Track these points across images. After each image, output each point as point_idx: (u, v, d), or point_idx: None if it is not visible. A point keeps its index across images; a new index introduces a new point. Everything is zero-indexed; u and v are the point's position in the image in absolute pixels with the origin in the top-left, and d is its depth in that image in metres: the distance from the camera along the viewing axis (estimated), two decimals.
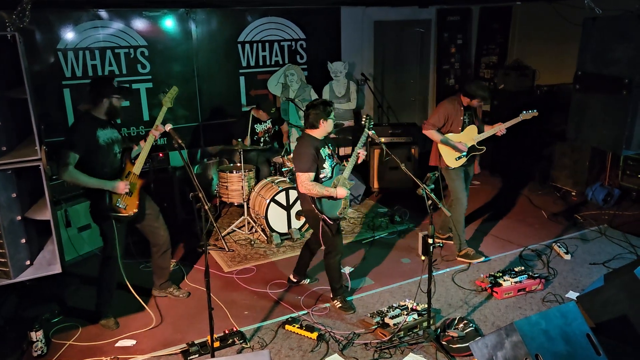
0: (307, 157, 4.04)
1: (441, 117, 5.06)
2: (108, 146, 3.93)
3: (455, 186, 5.13)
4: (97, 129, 3.88)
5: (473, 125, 5.12)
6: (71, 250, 5.17)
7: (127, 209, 3.96)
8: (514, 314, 4.24)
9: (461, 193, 5.12)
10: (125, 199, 3.96)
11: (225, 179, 5.87)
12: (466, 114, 5.10)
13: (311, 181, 4.03)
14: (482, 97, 4.97)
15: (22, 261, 2.98)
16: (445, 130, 5.10)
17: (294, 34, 7.44)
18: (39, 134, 2.84)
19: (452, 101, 5.10)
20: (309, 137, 4.15)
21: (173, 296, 4.56)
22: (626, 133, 4.57)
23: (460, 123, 5.08)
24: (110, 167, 3.96)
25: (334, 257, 4.29)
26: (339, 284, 4.41)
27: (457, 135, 5.08)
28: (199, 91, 6.93)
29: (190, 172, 3.45)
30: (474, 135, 5.10)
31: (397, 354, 3.76)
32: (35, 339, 3.75)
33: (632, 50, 4.40)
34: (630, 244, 5.40)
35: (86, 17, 6.09)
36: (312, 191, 4.04)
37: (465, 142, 5.06)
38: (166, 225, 4.39)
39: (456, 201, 5.15)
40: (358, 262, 5.24)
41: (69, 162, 3.72)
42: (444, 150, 5.08)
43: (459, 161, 5.07)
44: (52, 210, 2.94)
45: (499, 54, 8.96)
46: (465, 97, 5.00)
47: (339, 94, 7.49)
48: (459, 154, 5.05)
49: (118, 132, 4.08)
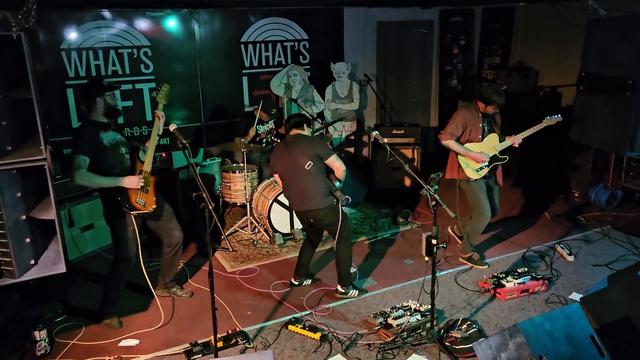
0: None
1: (459, 125, 4.77)
2: (113, 147, 3.95)
3: (479, 199, 4.84)
4: (99, 132, 3.90)
5: (494, 134, 4.85)
6: (74, 250, 5.18)
7: (146, 206, 3.97)
8: (517, 315, 4.24)
9: (485, 206, 4.83)
10: (143, 196, 3.97)
11: (228, 179, 5.87)
12: (485, 121, 4.83)
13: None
14: (498, 103, 4.67)
15: (27, 260, 3.00)
16: (465, 140, 4.82)
17: (296, 34, 7.44)
18: (43, 134, 2.85)
19: (469, 108, 4.82)
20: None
21: (176, 296, 4.56)
22: (629, 134, 4.57)
23: (480, 131, 4.80)
24: (120, 168, 3.97)
25: (348, 241, 4.49)
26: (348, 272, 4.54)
27: (477, 145, 4.81)
28: (201, 91, 6.93)
29: (194, 172, 3.46)
30: (496, 144, 4.83)
31: (400, 354, 3.75)
32: (39, 338, 3.75)
33: (636, 52, 4.39)
34: (633, 246, 5.39)
35: (89, 17, 6.10)
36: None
37: (486, 151, 4.80)
38: (179, 226, 4.38)
39: (479, 215, 4.89)
40: (361, 263, 5.24)
41: (80, 165, 3.75)
42: (464, 161, 4.82)
43: (480, 172, 4.81)
44: (56, 210, 2.95)
45: (501, 55, 8.95)
46: (481, 102, 4.73)
47: (341, 95, 7.49)
48: (480, 164, 4.80)
49: (121, 135, 4.09)
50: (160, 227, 4.30)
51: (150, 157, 4.05)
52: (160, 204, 4.19)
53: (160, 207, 4.16)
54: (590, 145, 5.21)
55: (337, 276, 4.56)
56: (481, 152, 4.79)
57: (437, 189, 3.73)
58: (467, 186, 4.90)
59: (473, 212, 4.98)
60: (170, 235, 4.33)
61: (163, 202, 4.28)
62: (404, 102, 8.58)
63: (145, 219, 4.16)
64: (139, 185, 3.92)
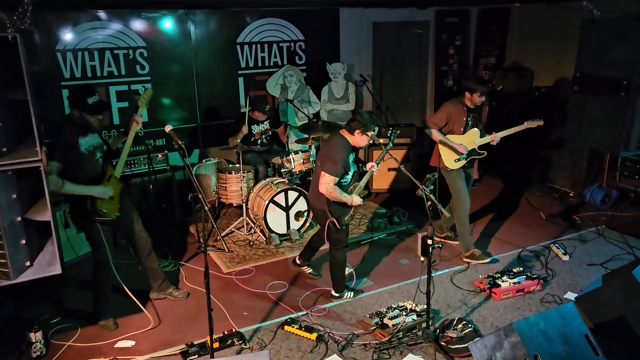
0: (340, 161, 4.10)
1: (443, 116, 5.02)
2: (90, 153, 3.95)
3: (457, 187, 5.10)
4: (78, 137, 3.88)
5: (476, 129, 5.07)
6: (70, 251, 5.17)
7: (109, 212, 3.97)
8: (512, 315, 4.26)
9: (463, 193, 5.09)
10: (107, 203, 3.97)
11: (224, 179, 5.87)
12: (470, 116, 5.04)
13: (334, 185, 4.10)
14: (481, 91, 4.87)
15: (22, 262, 2.98)
16: (447, 130, 5.07)
17: (292, 35, 7.45)
18: (39, 135, 2.84)
19: (456, 102, 5.05)
20: (344, 141, 4.20)
21: (172, 297, 4.56)
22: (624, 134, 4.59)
23: (463, 124, 5.03)
24: (93, 172, 3.98)
25: (339, 249, 4.40)
26: (342, 277, 4.52)
27: (458, 137, 5.04)
28: (197, 92, 6.93)
29: (190, 173, 3.46)
30: (476, 139, 5.05)
31: (396, 354, 3.77)
32: (34, 340, 3.75)
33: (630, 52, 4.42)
34: (628, 245, 5.42)
35: (85, 18, 6.08)
36: (332, 194, 4.12)
37: (466, 144, 5.03)
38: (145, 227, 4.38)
39: (458, 201, 5.12)
40: (357, 263, 5.24)
41: (51, 172, 3.70)
42: (444, 150, 5.06)
43: (457, 163, 5.06)
44: (52, 211, 2.94)
45: (497, 56, 8.97)
46: (467, 92, 4.94)
47: (337, 95, 7.49)
48: (458, 156, 5.03)
49: (99, 137, 4.08)
50: (128, 230, 4.32)
51: (121, 163, 4.06)
52: (124, 207, 4.17)
53: (123, 210, 4.14)
54: (585, 145, 5.23)
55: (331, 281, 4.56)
56: (461, 144, 4.99)
57: (432, 189, 3.74)
58: (447, 174, 5.14)
59: (453, 200, 5.21)
60: (138, 237, 4.33)
61: (127, 204, 4.26)
62: (400, 102, 8.59)
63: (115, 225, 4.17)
64: (108, 195, 3.94)
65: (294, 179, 6.25)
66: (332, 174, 4.09)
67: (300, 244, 5.65)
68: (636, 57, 4.36)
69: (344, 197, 4.14)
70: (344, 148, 4.15)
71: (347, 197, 4.17)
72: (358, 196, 4.28)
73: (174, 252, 5.42)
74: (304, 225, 5.87)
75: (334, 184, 4.10)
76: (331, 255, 4.45)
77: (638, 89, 4.45)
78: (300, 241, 5.72)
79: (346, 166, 4.14)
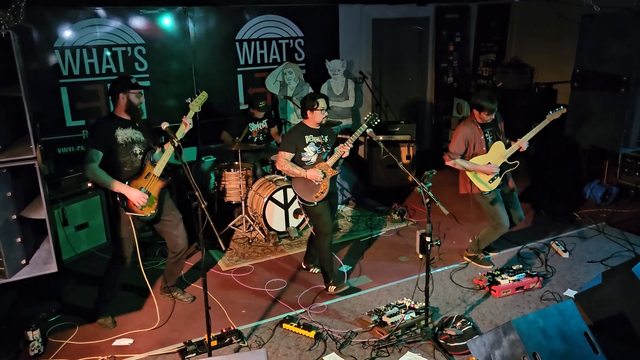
0: (288, 138, 4.49)
1: (461, 142, 4.68)
2: (127, 145, 3.92)
3: (496, 211, 4.74)
4: (116, 128, 3.90)
5: (499, 142, 4.74)
6: (68, 249, 5.16)
7: (143, 210, 3.92)
8: (512, 312, 4.24)
9: (504, 218, 4.75)
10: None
11: (222, 177, 5.85)
12: (487, 132, 4.72)
13: (285, 160, 4.41)
14: (489, 109, 4.55)
15: (18, 260, 2.98)
16: (470, 155, 4.73)
17: (292, 32, 7.42)
18: (34, 133, 2.83)
19: (467, 123, 4.73)
20: (300, 124, 4.54)
21: (178, 300, 4.53)
22: (624, 131, 4.58)
23: (483, 143, 4.71)
24: (130, 167, 3.95)
25: (321, 238, 4.50)
26: (329, 267, 4.55)
27: (484, 157, 4.71)
28: (196, 89, 6.88)
29: (187, 170, 3.44)
30: (503, 152, 4.72)
31: (394, 352, 3.75)
32: (32, 338, 3.74)
33: (630, 48, 4.40)
34: (628, 242, 5.40)
35: (83, 15, 6.06)
36: (284, 168, 4.43)
37: (494, 162, 4.70)
38: (186, 235, 4.33)
39: (499, 227, 4.80)
40: (356, 260, 5.23)
41: (92, 159, 3.76)
42: (474, 176, 4.73)
43: (492, 183, 4.71)
44: (47, 209, 2.93)
45: (497, 52, 8.94)
46: (475, 110, 4.66)
47: (337, 92, 7.47)
48: (491, 176, 4.70)
49: (142, 134, 4.04)
50: (165, 232, 4.27)
51: (163, 162, 4.00)
52: (165, 210, 4.16)
53: (161, 210, 4.11)
54: (585, 141, 5.20)
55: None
56: (489, 164, 4.70)
57: (430, 186, 3.72)
58: (482, 199, 4.80)
59: (492, 224, 4.86)
60: (174, 243, 4.28)
61: (169, 207, 4.22)
62: (400, 99, 8.56)
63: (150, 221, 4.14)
64: (140, 203, 3.86)
65: None
66: (281, 149, 4.46)
67: (299, 242, 5.65)
68: (635, 53, 4.34)
69: (296, 170, 4.39)
70: (295, 129, 4.51)
71: (299, 170, 4.38)
72: (316, 170, 4.37)
73: None
74: (302, 223, 5.86)
75: (284, 159, 4.40)
76: (315, 243, 4.61)
77: (637, 85, 4.43)
78: (299, 239, 5.71)
79: (295, 142, 4.40)
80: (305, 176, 4.38)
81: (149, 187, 3.95)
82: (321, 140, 4.47)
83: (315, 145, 4.43)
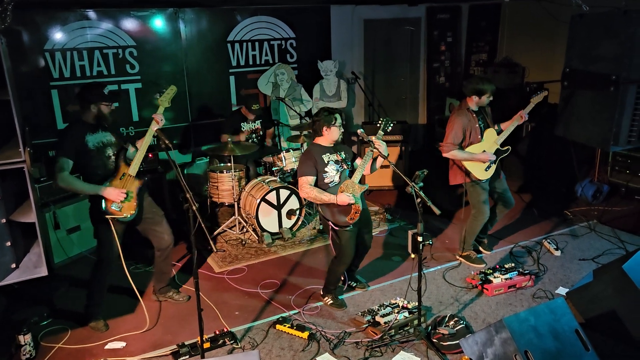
0: (305, 162, 4.13)
1: (459, 131, 4.69)
2: (98, 150, 3.91)
3: (481, 200, 4.85)
4: (86, 134, 3.86)
5: (490, 129, 4.81)
6: (60, 253, 5.14)
7: (122, 211, 3.90)
8: (504, 311, 4.26)
9: (485, 208, 4.86)
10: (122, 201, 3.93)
11: (215, 179, 5.84)
12: (479, 119, 4.79)
13: (309, 185, 4.07)
14: (491, 90, 4.68)
15: (8, 264, 2.96)
16: (467, 144, 4.77)
17: (284, 33, 7.42)
18: (22, 136, 2.82)
19: (462, 112, 4.76)
20: (312, 144, 4.24)
21: (173, 300, 4.52)
22: (614, 129, 4.60)
23: (478, 130, 4.76)
24: (104, 170, 3.94)
25: (339, 265, 4.29)
26: (333, 286, 4.43)
27: (479, 145, 4.77)
28: (188, 91, 6.89)
29: (177, 172, 3.44)
30: (495, 138, 4.80)
31: (388, 352, 3.76)
32: (24, 343, 3.71)
33: (619, 47, 4.42)
34: (619, 240, 5.43)
35: (73, 17, 6.04)
36: (310, 195, 4.08)
37: (488, 149, 4.76)
38: (171, 230, 4.33)
39: (479, 214, 4.91)
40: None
41: (62, 168, 3.72)
42: (471, 165, 4.76)
43: (489, 170, 4.78)
44: (37, 213, 2.92)
45: (488, 52, 8.98)
46: (475, 95, 4.69)
47: (329, 93, 7.48)
48: (487, 163, 4.76)
49: (111, 134, 4.04)
50: (148, 230, 4.25)
51: (138, 161, 3.99)
52: (146, 208, 4.14)
53: (141, 209, 4.09)
54: (576, 140, 5.23)
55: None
56: (484, 151, 4.74)
57: (422, 186, 3.73)
58: (474, 188, 4.85)
59: (473, 212, 4.95)
60: (160, 239, 4.28)
61: (149, 205, 4.22)
62: (392, 99, 8.58)
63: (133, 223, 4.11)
64: (119, 199, 3.85)
65: (286, 177, 6.24)
66: (301, 174, 4.12)
67: (292, 243, 5.64)
68: (625, 52, 4.37)
69: (325, 197, 4.06)
70: (309, 151, 4.17)
71: (328, 196, 4.05)
72: (346, 194, 4.05)
73: None
74: (296, 224, 5.85)
75: (308, 185, 4.07)
76: (330, 264, 4.40)
77: (627, 84, 4.46)
78: (292, 240, 5.70)
79: (314, 165, 4.09)
80: (335, 202, 4.05)
81: (125, 188, 3.93)
82: (339, 157, 4.20)
83: (335, 164, 4.16)
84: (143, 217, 4.14)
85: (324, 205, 4.14)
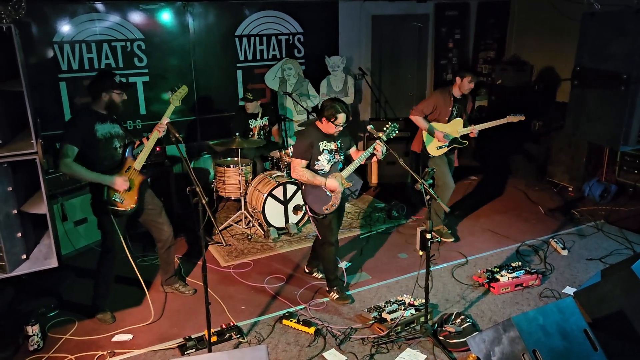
0: (301, 145, 4.15)
1: (430, 105, 5.23)
2: (106, 140, 3.91)
3: (442, 171, 5.28)
4: (95, 123, 3.86)
5: (460, 119, 5.28)
6: (67, 244, 5.15)
7: (124, 203, 3.93)
8: (511, 310, 4.25)
9: (448, 178, 5.29)
10: (123, 193, 3.94)
11: (222, 173, 5.85)
12: (455, 106, 5.26)
13: (302, 167, 4.13)
14: (471, 76, 5.09)
15: (18, 255, 2.97)
16: (433, 119, 5.27)
17: (291, 27, 7.40)
18: (35, 127, 2.82)
19: (443, 91, 5.28)
20: (313, 127, 4.23)
21: (179, 292, 4.54)
22: (624, 129, 4.57)
23: (448, 114, 5.24)
24: (110, 161, 3.95)
25: (326, 248, 4.34)
26: (333, 275, 4.43)
27: (442, 125, 5.26)
28: (195, 85, 6.88)
29: (187, 166, 3.44)
30: (459, 128, 5.27)
31: (394, 349, 3.76)
32: (31, 333, 3.73)
33: (630, 46, 4.39)
34: (627, 240, 5.41)
35: (82, 9, 6.03)
36: (302, 177, 4.15)
37: (449, 132, 5.24)
38: (170, 221, 4.36)
39: (443, 186, 5.29)
40: (356, 257, 5.23)
41: (66, 155, 3.72)
42: (428, 138, 5.29)
43: (439, 150, 5.29)
44: (48, 204, 2.93)
45: (496, 49, 8.94)
46: (458, 77, 5.15)
47: (336, 89, 7.46)
48: (440, 144, 5.25)
49: (120, 127, 4.06)
50: (148, 222, 4.28)
51: (144, 156, 4.02)
52: (143, 199, 4.15)
53: (142, 202, 4.12)
54: (585, 139, 5.24)
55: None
56: (443, 133, 5.20)
57: (431, 183, 3.72)
58: (428, 161, 5.36)
59: (438, 183, 5.30)
60: (160, 230, 4.31)
61: (150, 197, 4.24)
62: (399, 96, 8.55)
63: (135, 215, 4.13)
64: (124, 187, 3.88)
65: None
66: (295, 156, 4.15)
67: (298, 238, 5.65)
68: (636, 51, 4.34)
69: (316, 180, 4.11)
70: (309, 134, 4.18)
71: (320, 180, 4.12)
72: (335, 179, 4.12)
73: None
74: (302, 219, 5.85)
75: (301, 167, 4.11)
76: (319, 251, 4.45)
77: (638, 83, 4.43)
78: (298, 235, 5.71)
79: (309, 149, 4.10)
80: (324, 185, 4.13)
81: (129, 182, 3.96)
82: (335, 146, 4.21)
83: (329, 153, 4.17)
84: (145, 209, 4.18)
85: (307, 190, 4.22)
